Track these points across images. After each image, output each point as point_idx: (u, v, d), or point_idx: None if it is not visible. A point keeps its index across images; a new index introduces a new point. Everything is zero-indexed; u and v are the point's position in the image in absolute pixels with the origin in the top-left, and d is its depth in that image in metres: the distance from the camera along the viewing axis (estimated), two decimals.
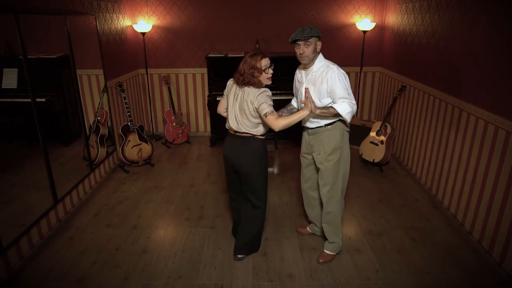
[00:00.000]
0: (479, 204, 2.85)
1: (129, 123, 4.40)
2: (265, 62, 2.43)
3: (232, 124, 2.55)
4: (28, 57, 2.71)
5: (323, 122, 2.54)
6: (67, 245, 2.97)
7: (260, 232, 2.87)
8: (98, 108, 3.94)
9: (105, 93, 4.08)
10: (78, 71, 3.51)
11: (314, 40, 2.41)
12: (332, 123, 2.53)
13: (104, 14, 4.23)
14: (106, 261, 2.77)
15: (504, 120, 2.54)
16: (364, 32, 5.01)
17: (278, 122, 2.34)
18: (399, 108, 4.51)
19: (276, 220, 3.32)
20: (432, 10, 3.64)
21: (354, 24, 5.14)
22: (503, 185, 2.57)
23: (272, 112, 2.36)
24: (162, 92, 5.51)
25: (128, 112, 4.40)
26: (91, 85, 3.84)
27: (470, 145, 2.98)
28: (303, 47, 2.40)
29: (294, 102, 2.84)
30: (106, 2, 4.30)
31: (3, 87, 2.72)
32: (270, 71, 2.47)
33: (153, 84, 5.47)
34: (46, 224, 3.01)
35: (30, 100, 2.74)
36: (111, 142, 4.32)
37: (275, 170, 4.45)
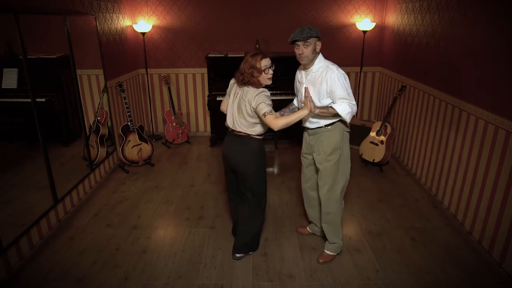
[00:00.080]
0: (479, 204, 2.85)
1: (129, 123, 4.40)
2: (265, 63, 2.42)
3: (229, 122, 2.57)
4: (28, 57, 2.71)
5: (323, 123, 2.53)
6: (67, 245, 2.97)
7: (259, 232, 2.87)
8: (98, 108, 3.94)
9: (105, 93, 4.08)
10: (78, 71, 3.51)
11: (314, 41, 2.41)
12: (332, 124, 2.52)
13: (104, 14, 4.23)
14: (106, 261, 2.77)
15: (504, 120, 2.54)
16: (364, 32, 5.01)
17: (277, 122, 2.33)
18: (399, 108, 4.51)
19: (276, 220, 3.32)
20: (432, 10, 3.64)
21: (354, 24, 5.14)
22: (503, 185, 2.57)
23: (271, 112, 2.35)
24: (162, 92, 5.51)
25: (128, 112, 4.40)
26: (91, 85, 3.84)
27: (470, 145, 2.98)
28: (302, 48, 2.40)
29: (296, 102, 2.84)
30: (106, 2, 4.30)
31: (3, 87, 2.72)
32: (271, 72, 2.46)
33: (153, 84, 5.47)
34: (46, 224, 3.01)
35: (30, 100, 2.74)
36: (111, 142, 4.32)
37: (275, 170, 4.45)
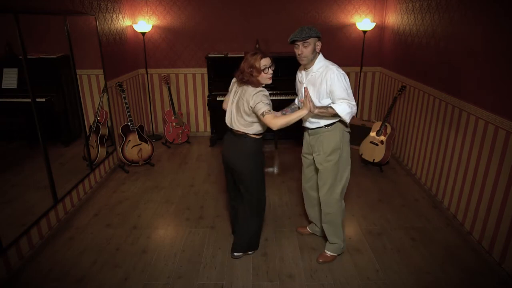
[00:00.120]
0: (479, 204, 2.85)
1: (129, 123, 4.40)
2: (265, 62, 2.41)
3: (227, 120, 2.59)
4: (28, 57, 2.71)
5: (323, 123, 2.53)
6: (67, 245, 2.97)
7: (258, 232, 2.86)
8: (98, 108, 3.94)
9: (105, 93, 4.08)
10: (78, 71, 3.51)
11: (313, 41, 2.40)
12: (332, 124, 2.52)
13: (104, 14, 4.23)
14: (106, 261, 2.77)
15: (504, 120, 2.54)
16: (364, 32, 5.01)
17: (276, 121, 2.32)
18: (399, 108, 4.51)
19: (276, 220, 3.32)
20: (432, 10, 3.64)
21: (354, 24, 5.14)
22: (503, 185, 2.57)
23: (269, 111, 2.34)
24: (162, 92, 5.51)
25: (128, 112, 4.40)
26: (91, 85, 3.84)
27: (470, 145, 2.98)
28: (302, 48, 2.40)
29: (298, 102, 2.84)
30: (106, 2, 4.30)
31: (3, 87, 2.72)
32: (270, 71, 2.44)
33: (153, 84, 5.47)
34: (46, 224, 3.01)
35: (30, 100, 2.74)
36: (111, 142, 4.32)
37: (275, 170, 4.45)
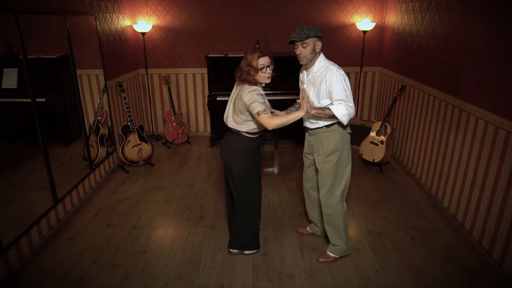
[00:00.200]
0: (479, 204, 2.85)
1: (129, 123, 4.40)
2: (263, 61, 2.38)
3: (224, 117, 2.61)
4: (28, 57, 2.71)
5: (322, 123, 2.52)
6: (67, 245, 2.97)
7: (253, 231, 2.79)
8: (98, 108, 3.94)
9: (105, 93, 4.08)
10: (78, 71, 3.51)
11: (313, 41, 2.38)
12: (332, 125, 2.50)
13: (104, 14, 4.23)
14: (106, 261, 2.77)
15: (504, 120, 2.54)
16: (364, 32, 5.01)
17: (272, 121, 2.31)
18: (399, 108, 4.51)
19: (276, 220, 3.31)
20: (432, 10, 3.64)
21: (354, 24, 5.14)
22: (503, 185, 2.57)
23: (265, 111, 2.32)
24: (162, 92, 5.51)
25: (128, 112, 4.40)
26: (91, 85, 3.84)
27: (470, 145, 2.98)
28: (301, 48, 2.39)
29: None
30: (106, 2, 4.30)
31: (3, 87, 2.72)
32: (268, 71, 2.42)
33: (153, 84, 5.47)
34: (46, 224, 3.01)
35: (30, 100, 2.74)
36: (111, 142, 4.32)
37: (275, 170, 4.45)
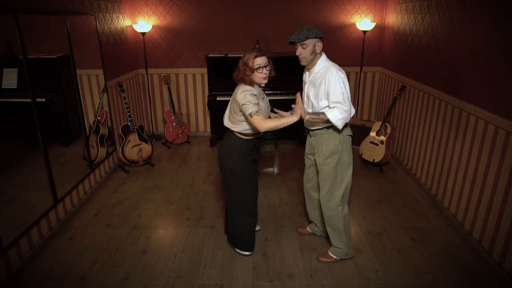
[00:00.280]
0: (479, 204, 2.85)
1: (129, 123, 4.40)
2: (260, 61, 2.36)
3: (224, 116, 2.62)
4: (28, 57, 2.71)
5: (322, 125, 2.49)
6: (67, 245, 2.97)
7: (241, 231, 2.78)
8: (98, 108, 3.94)
9: (105, 93, 4.07)
10: (78, 71, 3.51)
11: (312, 42, 2.36)
12: (332, 126, 2.46)
13: (104, 14, 4.23)
14: (106, 261, 2.77)
15: (504, 120, 2.54)
16: (364, 32, 5.01)
17: (265, 124, 2.30)
18: (399, 108, 4.51)
19: (276, 220, 3.31)
20: (432, 10, 3.64)
21: (354, 24, 5.14)
22: (503, 185, 2.57)
23: (257, 112, 2.30)
24: (162, 92, 5.51)
25: (128, 112, 4.40)
26: (91, 85, 3.84)
27: (470, 145, 2.98)
28: (300, 49, 2.38)
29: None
30: (106, 2, 4.30)
31: (3, 87, 2.72)
32: (265, 71, 2.39)
33: (153, 84, 5.47)
34: (46, 224, 3.01)
35: (30, 100, 2.74)
36: (111, 142, 4.32)
37: (275, 170, 4.45)
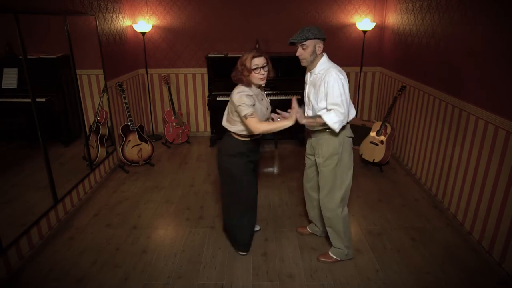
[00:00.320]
0: (479, 204, 2.85)
1: (129, 123, 4.40)
2: (258, 62, 2.34)
3: (223, 117, 2.63)
4: (28, 57, 2.71)
5: (322, 126, 2.47)
6: (67, 245, 2.97)
7: (235, 230, 2.80)
8: (98, 108, 3.94)
9: (105, 93, 4.07)
10: (78, 71, 3.51)
11: (312, 43, 2.34)
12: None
13: (104, 14, 4.23)
14: (106, 261, 2.77)
15: (504, 120, 2.54)
16: (364, 32, 5.01)
17: (259, 126, 2.30)
18: (399, 108, 4.51)
19: (276, 220, 3.31)
20: (432, 10, 3.64)
21: (354, 24, 5.14)
22: (503, 185, 2.57)
23: (252, 114, 2.30)
24: (162, 92, 5.51)
25: (128, 112, 4.40)
26: (91, 85, 3.84)
27: (470, 145, 2.98)
28: (300, 50, 2.37)
29: (306, 106, 2.70)
30: (106, 2, 4.30)
31: (3, 87, 2.72)
32: (262, 72, 2.37)
33: (153, 84, 5.47)
34: (46, 224, 3.01)
35: (30, 100, 2.74)
36: (111, 142, 4.31)
37: (275, 170, 4.45)
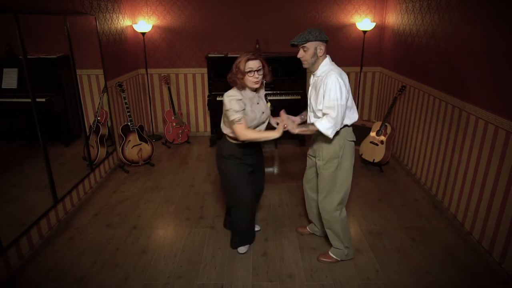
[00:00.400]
0: (479, 204, 2.85)
1: (129, 123, 4.40)
2: (252, 65, 2.29)
3: None
4: (28, 57, 2.71)
5: None
6: (67, 245, 2.97)
7: (238, 228, 2.81)
8: (98, 108, 3.94)
9: (105, 93, 4.07)
10: (78, 71, 3.51)
11: (313, 45, 2.31)
12: None
13: (104, 14, 4.23)
14: (106, 261, 2.77)
15: (504, 120, 2.54)
16: (364, 32, 5.01)
17: (245, 133, 2.30)
18: (399, 108, 4.51)
19: (276, 220, 3.32)
20: (432, 10, 3.64)
21: (354, 24, 5.14)
22: (503, 185, 2.57)
23: (239, 120, 2.28)
24: (162, 92, 5.51)
25: (128, 112, 4.40)
26: (91, 85, 3.84)
27: (470, 145, 2.98)
28: (301, 52, 2.36)
29: (308, 108, 2.66)
30: (106, 2, 4.30)
31: (3, 87, 2.72)
32: (256, 75, 2.32)
33: (153, 84, 5.47)
34: (46, 224, 3.01)
35: (30, 100, 2.74)
36: (111, 142, 4.31)
37: (275, 170, 4.45)
